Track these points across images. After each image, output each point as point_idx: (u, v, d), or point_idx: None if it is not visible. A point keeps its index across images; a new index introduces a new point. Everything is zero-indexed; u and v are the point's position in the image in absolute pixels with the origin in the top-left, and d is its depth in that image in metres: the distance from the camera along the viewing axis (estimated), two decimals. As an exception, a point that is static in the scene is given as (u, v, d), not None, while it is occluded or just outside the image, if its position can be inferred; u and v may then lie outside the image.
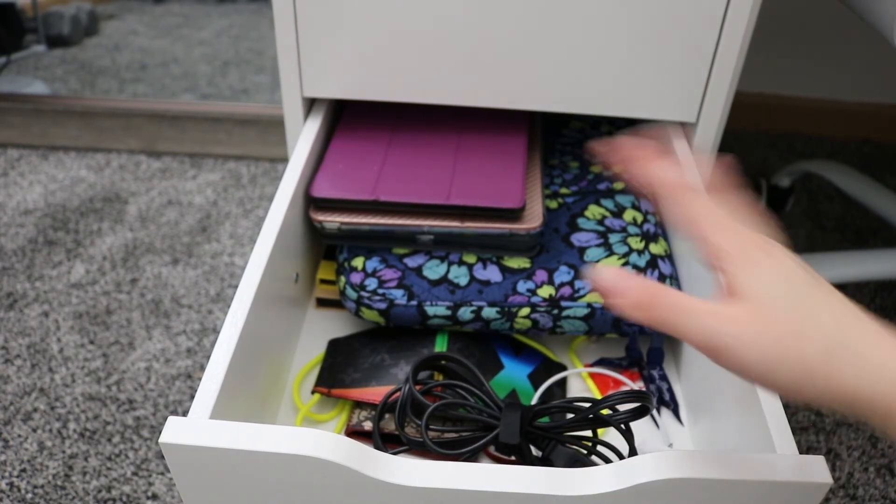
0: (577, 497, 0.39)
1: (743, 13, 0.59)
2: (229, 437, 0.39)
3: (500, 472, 0.39)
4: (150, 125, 1.35)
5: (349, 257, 0.63)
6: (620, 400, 0.47)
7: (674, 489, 0.39)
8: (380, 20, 0.62)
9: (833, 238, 1.21)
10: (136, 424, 0.88)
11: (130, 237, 1.16)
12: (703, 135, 0.66)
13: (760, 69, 1.41)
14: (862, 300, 1.09)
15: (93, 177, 1.30)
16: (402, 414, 0.52)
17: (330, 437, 0.39)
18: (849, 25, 1.33)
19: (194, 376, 0.94)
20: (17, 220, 1.20)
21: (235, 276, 1.10)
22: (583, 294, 0.60)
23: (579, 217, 0.66)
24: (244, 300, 0.49)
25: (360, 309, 0.61)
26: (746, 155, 1.42)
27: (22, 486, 0.81)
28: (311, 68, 0.65)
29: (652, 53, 0.62)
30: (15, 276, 1.08)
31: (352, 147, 0.68)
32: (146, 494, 0.81)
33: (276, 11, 0.62)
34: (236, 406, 0.47)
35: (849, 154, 1.43)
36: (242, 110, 1.35)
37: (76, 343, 0.98)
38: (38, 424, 0.88)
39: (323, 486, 0.40)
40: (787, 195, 1.24)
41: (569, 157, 0.75)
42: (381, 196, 0.61)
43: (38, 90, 1.51)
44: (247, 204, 1.25)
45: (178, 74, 1.63)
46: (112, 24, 1.85)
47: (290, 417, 0.59)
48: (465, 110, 0.73)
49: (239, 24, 1.87)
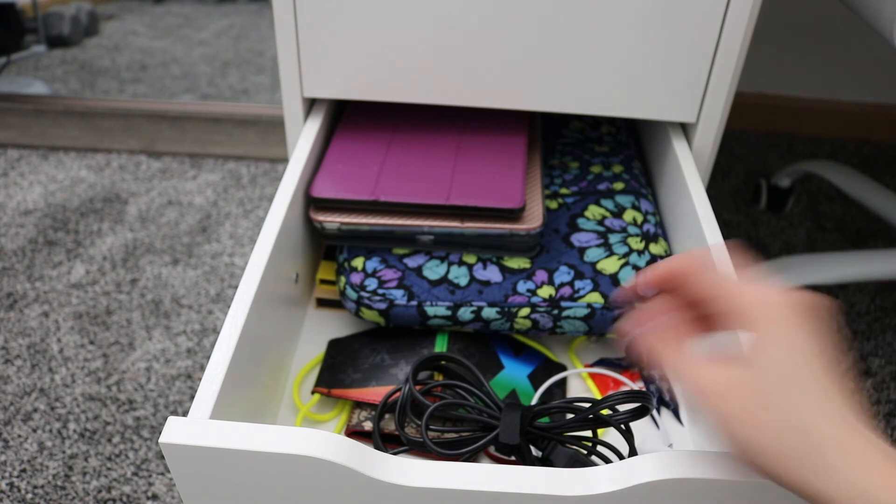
0: (577, 497, 0.39)
1: (743, 13, 0.59)
2: (229, 438, 0.39)
3: (500, 472, 0.39)
4: (150, 125, 1.35)
5: (349, 257, 0.63)
6: (620, 400, 0.47)
7: (674, 489, 0.39)
8: (380, 20, 0.62)
9: (833, 238, 1.21)
10: (136, 425, 0.88)
11: (130, 237, 1.16)
12: (703, 135, 0.66)
13: (760, 69, 1.41)
14: (862, 300, 1.09)
15: (93, 177, 1.30)
16: (402, 414, 0.52)
17: (330, 438, 0.39)
18: (849, 25, 1.33)
19: (194, 376, 0.94)
20: (17, 220, 1.20)
21: (235, 277, 1.10)
22: (583, 294, 0.60)
23: (579, 217, 0.66)
24: (244, 300, 0.49)
25: (360, 309, 0.61)
26: (746, 155, 1.42)
27: (22, 486, 0.81)
28: (311, 68, 0.65)
29: (652, 53, 0.62)
30: (15, 276, 1.08)
31: (352, 147, 0.68)
32: (146, 495, 0.81)
33: (276, 11, 0.62)
34: (236, 406, 0.47)
35: (849, 154, 1.43)
36: (242, 110, 1.35)
37: (76, 343, 0.98)
38: (38, 424, 0.88)
39: (323, 486, 0.40)
40: (787, 195, 1.24)
41: (569, 157, 0.75)
42: (381, 196, 0.61)
43: (38, 90, 1.51)
44: (247, 204, 1.25)
45: (178, 75, 1.63)
46: (112, 24, 1.85)
47: (290, 417, 0.59)
48: (465, 110, 0.73)
49: (239, 24, 1.87)
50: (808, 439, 0.32)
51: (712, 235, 0.56)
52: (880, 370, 0.98)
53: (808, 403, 0.33)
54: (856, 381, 0.97)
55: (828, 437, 0.32)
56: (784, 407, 0.33)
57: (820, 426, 0.32)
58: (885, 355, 1.00)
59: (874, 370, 0.98)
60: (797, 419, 0.32)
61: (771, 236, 1.21)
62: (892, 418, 0.93)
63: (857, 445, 0.31)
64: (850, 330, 1.04)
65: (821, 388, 0.33)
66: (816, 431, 0.32)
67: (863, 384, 0.97)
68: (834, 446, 0.32)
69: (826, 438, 0.32)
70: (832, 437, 0.32)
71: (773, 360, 0.33)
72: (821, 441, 0.32)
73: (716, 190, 1.32)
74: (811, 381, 0.33)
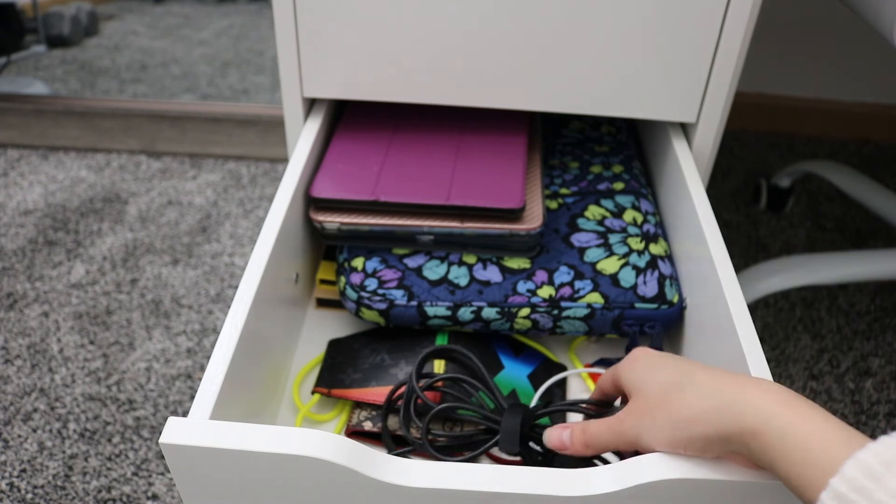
0: (577, 497, 0.39)
1: (743, 13, 0.59)
2: (229, 438, 0.39)
3: (501, 473, 0.39)
4: (150, 125, 1.35)
5: (349, 258, 0.63)
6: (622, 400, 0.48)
7: (673, 489, 0.39)
8: (380, 20, 0.62)
9: (833, 238, 1.21)
10: (136, 425, 0.88)
11: (130, 237, 1.16)
12: (703, 135, 0.66)
13: (760, 69, 1.41)
14: (862, 300, 1.09)
15: (93, 177, 1.30)
16: (407, 416, 0.52)
17: (330, 438, 0.39)
18: (849, 25, 1.33)
19: (194, 376, 0.94)
20: (17, 220, 1.20)
21: (235, 277, 1.10)
22: (583, 294, 0.60)
23: (579, 217, 0.66)
24: (244, 300, 0.49)
25: (360, 309, 0.61)
26: (746, 155, 1.42)
27: (22, 486, 0.81)
28: (311, 68, 0.65)
29: (652, 53, 0.62)
30: (15, 276, 1.08)
31: (352, 147, 0.68)
32: (146, 495, 0.81)
33: (276, 11, 0.62)
34: (236, 406, 0.47)
35: (849, 154, 1.43)
36: (242, 111, 1.35)
37: (76, 343, 0.98)
38: (38, 425, 0.88)
39: (323, 486, 0.40)
40: (787, 195, 1.24)
41: (569, 157, 0.75)
42: (381, 196, 0.61)
43: (38, 90, 1.51)
44: (247, 204, 1.25)
45: (178, 75, 1.63)
46: (112, 24, 1.85)
47: (290, 417, 0.59)
48: (465, 110, 0.73)
49: (239, 24, 1.87)
50: (708, 391, 0.38)
51: (712, 235, 0.56)
52: (880, 370, 0.98)
53: (694, 373, 0.40)
54: (855, 382, 0.97)
55: (722, 384, 0.38)
56: (676, 385, 0.40)
57: (713, 380, 0.39)
58: (885, 355, 1.00)
59: (874, 370, 0.98)
60: (690, 383, 0.39)
61: (771, 236, 1.21)
62: (892, 418, 0.93)
63: (748, 382, 0.38)
64: (850, 330, 1.04)
65: (698, 365, 0.41)
66: (711, 384, 0.38)
67: (863, 384, 0.97)
68: (730, 387, 0.38)
69: (721, 385, 0.38)
70: (724, 382, 0.38)
71: (650, 370, 0.42)
72: (717, 388, 0.38)
73: (716, 190, 1.32)
74: (685, 362, 0.41)
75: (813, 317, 1.06)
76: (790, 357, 1.00)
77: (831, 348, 1.01)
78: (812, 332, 1.04)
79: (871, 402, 0.94)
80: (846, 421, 0.92)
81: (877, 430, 0.91)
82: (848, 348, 1.01)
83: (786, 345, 1.02)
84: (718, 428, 0.37)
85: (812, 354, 1.00)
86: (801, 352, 1.01)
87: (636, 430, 0.41)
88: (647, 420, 0.40)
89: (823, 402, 0.94)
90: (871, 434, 0.90)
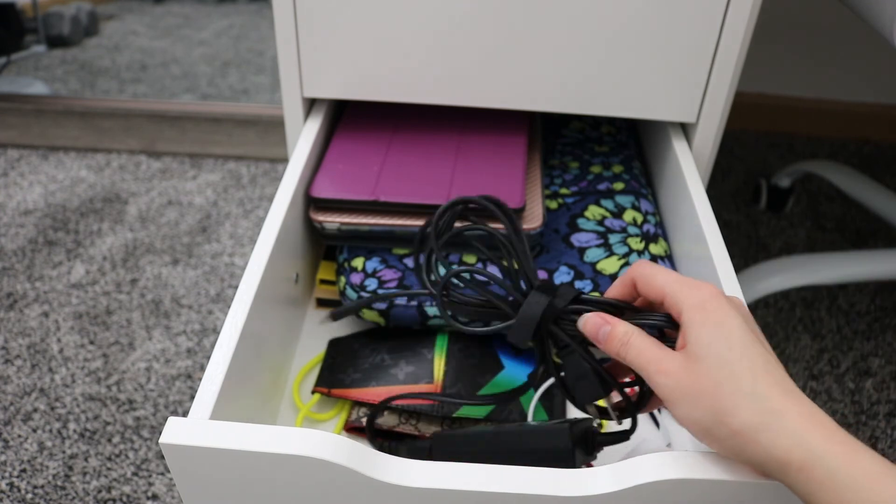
0: (577, 497, 0.39)
1: (743, 13, 0.59)
2: (229, 438, 0.39)
3: (500, 473, 0.39)
4: (150, 125, 1.35)
5: (349, 258, 0.63)
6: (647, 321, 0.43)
7: (674, 489, 0.39)
8: (380, 20, 0.62)
9: (833, 238, 1.21)
10: (136, 425, 0.88)
11: (130, 237, 1.16)
12: (703, 135, 0.66)
13: (760, 69, 1.41)
14: (862, 300, 1.09)
15: (93, 177, 1.30)
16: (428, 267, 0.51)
17: (329, 438, 0.39)
18: (849, 25, 1.33)
19: (194, 376, 0.94)
20: (17, 220, 1.20)
21: (235, 277, 1.10)
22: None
23: (579, 217, 0.66)
24: (244, 300, 0.49)
25: (360, 309, 0.61)
26: (746, 155, 1.42)
27: (22, 486, 0.81)
28: (311, 68, 0.65)
29: (652, 53, 0.62)
30: (15, 276, 1.08)
31: (352, 147, 0.68)
32: (146, 495, 0.81)
33: (276, 11, 0.62)
34: (236, 406, 0.47)
35: (849, 154, 1.43)
36: (242, 111, 1.35)
37: (76, 343, 0.98)
38: (38, 424, 0.88)
39: (323, 486, 0.40)
40: (787, 195, 1.24)
41: (569, 157, 0.75)
42: (381, 196, 0.61)
43: (38, 90, 1.51)
44: (247, 204, 1.25)
45: (178, 75, 1.63)
46: (112, 24, 1.85)
47: (290, 417, 0.59)
48: (465, 110, 0.73)
49: (239, 24, 1.87)
50: (765, 406, 0.35)
51: (712, 235, 0.56)
52: (880, 370, 0.98)
53: (757, 375, 0.36)
54: (855, 382, 0.97)
55: (781, 404, 0.35)
56: (737, 380, 0.36)
57: (772, 394, 0.35)
58: (885, 355, 1.00)
59: (874, 370, 0.98)
60: (751, 387, 0.36)
61: (771, 236, 1.21)
62: (892, 418, 0.93)
63: (805, 411, 0.35)
64: (850, 330, 1.04)
65: (765, 361, 0.37)
66: (770, 399, 0.35)
67: (863, 384, 0.97)
68: (789, 412, 0.35)
69: (780, 405, 0.35)
70: (783, 403, 0.35)
71: (720, 343, 0.37)
72: (775, 408, 0.35)
73: (716, 190, 1.32)
74: (756, 356, 0.37)
75: (813, 317, 1.06)
76: (790, 357, 1.00)
77: (831, 348, 1.01)
78: (812, 332, 1.04)
79: (871, 402, 0.94)
80: (846, 421, 0.92)
81: (877, 430, 0.91)
82: (848, 348, 1.01)
83: (786, 345, 1.02)
84: (759, 451, 0.35)
85: (812, 354, 1.00)
86: (801, 352, 1.01)
87: (673, 396, 0.38)
88: (691, 397, 0.37)
89: (823, 402, 0.94)
90: (872, 434, 0.90)
